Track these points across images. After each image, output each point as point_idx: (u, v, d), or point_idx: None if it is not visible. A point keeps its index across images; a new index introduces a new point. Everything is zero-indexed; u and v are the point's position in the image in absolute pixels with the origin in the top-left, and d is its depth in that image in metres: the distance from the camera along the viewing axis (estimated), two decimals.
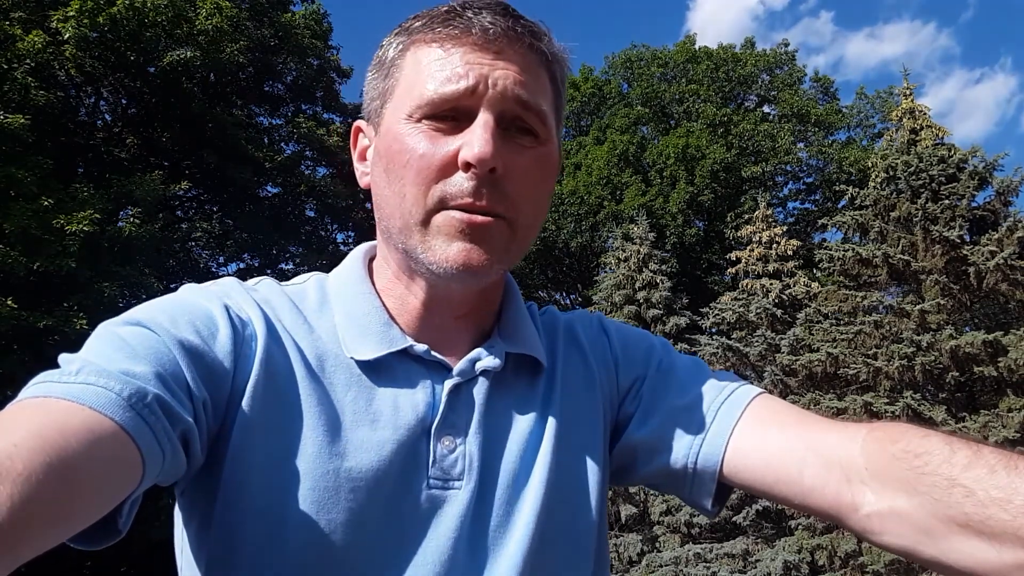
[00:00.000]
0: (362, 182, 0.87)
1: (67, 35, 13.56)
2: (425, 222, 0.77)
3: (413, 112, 0.77)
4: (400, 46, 0.81)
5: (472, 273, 0.76)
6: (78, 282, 12.59)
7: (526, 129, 0.78)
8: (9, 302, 11.48)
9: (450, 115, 0.76)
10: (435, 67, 0.77)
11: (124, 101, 17.07)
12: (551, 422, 0.84)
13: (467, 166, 0.74)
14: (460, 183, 0.75)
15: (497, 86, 0.75)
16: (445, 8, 0.79)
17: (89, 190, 13.44)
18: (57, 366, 0.66)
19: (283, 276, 0.97)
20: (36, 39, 13.29)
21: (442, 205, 0.76)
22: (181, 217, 18.97)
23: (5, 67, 12.99)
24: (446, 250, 0.76)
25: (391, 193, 0.79)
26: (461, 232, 0.75)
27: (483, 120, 0.75)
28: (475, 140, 0.74)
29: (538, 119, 0.78)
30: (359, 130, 0.88)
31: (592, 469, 0.86)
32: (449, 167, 0.75)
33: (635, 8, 60.61)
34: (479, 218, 0.75)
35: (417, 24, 0.80)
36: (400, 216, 0.78)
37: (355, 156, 0.89)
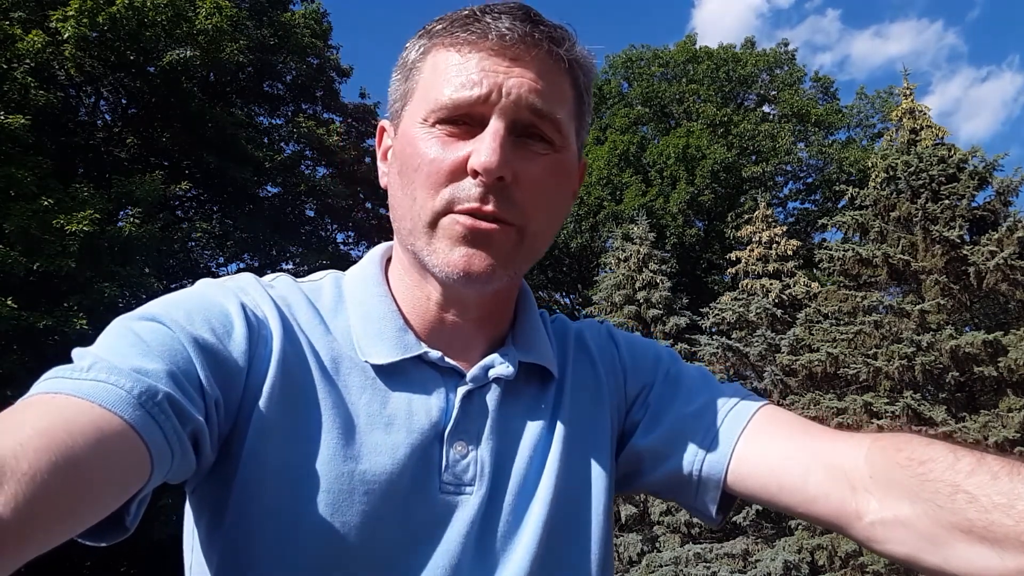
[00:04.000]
0: (382, 182, 0.87)
1: (67, 35, 13.56)
2: (432, 224, 0.77)
3: (428, 116, 0.78)
4: (421, 49, 0.82)
5: (473, 279, 0.77)
6: (78, 282, 12.59)
7: (541, 136, 0.78)
8: (9, 302, 11.47)
9: (464, 121, 0.77)
10: (451, 72, 0.77)
11: (124, 101, 17.07)
12: (560, 430, 0.85)
13: (475, 173, 0.75)
14: (468, 188, 0.75)
15: (511, 95, 0.75)
16: (465, 12, 0.79)
17: (89, 190, 13.44)
18: (60, 364, 0.66)
19: None
20: (36, 39, 13.29)
21: (449, 208, 0.76)
22: (181, 217, 18.94)
23: (5, 67, 12.99)
24: (449, 255, 0.77)
25: (403, 195, 0.80)
26: (464, 237, 0.76)
27: (494, 128, 0.75)
28: (484, 148, 0.74)
29: (553, 127, 0.78)
30: (383, 129, 0.89)
31: (599, 476, 0.87)
32: (459, 172, 0.76)
33: (640, 6, 60.63)
34: (483, 224, 0.75)
35: (438, 27, 0.81)
36: (410, 218, 0.79)
37: (379, 155, 0.89)
